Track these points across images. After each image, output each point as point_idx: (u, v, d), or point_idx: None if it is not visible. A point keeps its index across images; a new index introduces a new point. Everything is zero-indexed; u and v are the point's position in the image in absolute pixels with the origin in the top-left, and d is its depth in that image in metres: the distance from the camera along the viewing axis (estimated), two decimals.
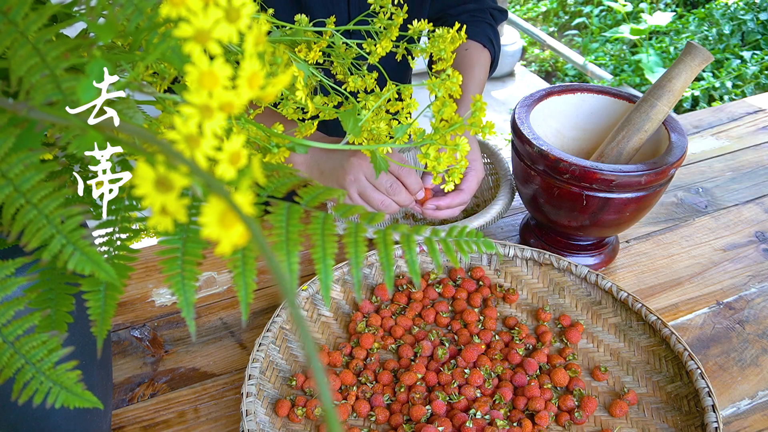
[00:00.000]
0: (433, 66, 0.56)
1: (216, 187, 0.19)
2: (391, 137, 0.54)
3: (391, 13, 0.60)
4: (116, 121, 0.25)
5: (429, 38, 0.59)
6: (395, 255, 0.86)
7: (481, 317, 0.80)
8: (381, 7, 0.61)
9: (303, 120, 0.58)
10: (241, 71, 0.23)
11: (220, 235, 0.19)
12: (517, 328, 0.79)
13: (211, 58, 0.22)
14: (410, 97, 0.62)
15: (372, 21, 0.61)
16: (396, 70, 1.08)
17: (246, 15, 0.23)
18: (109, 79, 0.26)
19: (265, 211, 0.32)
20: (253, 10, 0.23)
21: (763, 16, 3.14)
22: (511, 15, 3.94)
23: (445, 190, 0.57)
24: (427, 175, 0.81)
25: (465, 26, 0.59)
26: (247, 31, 0.23)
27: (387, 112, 0.60)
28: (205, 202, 0.19)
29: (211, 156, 0.22)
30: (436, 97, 0.53)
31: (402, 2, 0.61)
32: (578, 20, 3.91)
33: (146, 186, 0.20)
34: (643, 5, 3.63)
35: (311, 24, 0.60)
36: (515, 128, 0.83)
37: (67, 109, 0.25)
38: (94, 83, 0.25)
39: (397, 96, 0.62)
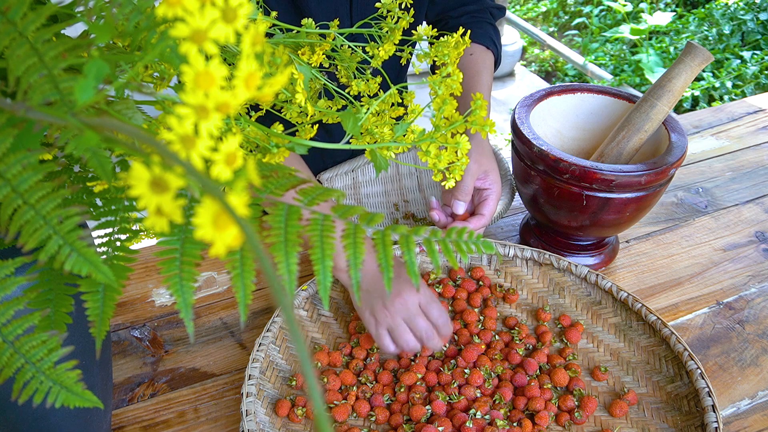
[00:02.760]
0: (436, 71, 0.55)
1: (210, 189, 0.19)
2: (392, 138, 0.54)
3: (398, 17, 0.60)
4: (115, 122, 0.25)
5: (431, 43, 0.59)
6: (395, 255, 0.86)
7: (481, 317, 0.80)
8: (388, 11, 0.60)
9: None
10: (238, 71, 0.23)
11: (214, 237, 0.19)
12: (517, 328, 0.79)
13: (208, 58, 0.22)
14: (413, 102, 0.61)
15: (375, 24, 0.61)
16: (396, 73, 1.08)
17: (243, 15, 0.22)
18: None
19: (264, 212, 0.32)
20: (250, 11, 0.23)
21: (763, 16, 3.14)
22: (511, 15, 3.93)
23: (446, 187, 0.57)
24: (457, 202, 0.82)
25: (464, 28, 0.59)
26: (244, 32, 0.23)
27: (390, 117, 0.60)
28: (200, 203, 0.19)
29: (207, 157, 0.22)
30: (437, 94, 0.53)
31: (408, 6, 0.61)
32: (578, 20, 3.91)
33: (141, 187, 0.20)
34: (643, 5, 3.63)
35: (315, 27, 0.60)
36: (515, 128, 0.83)
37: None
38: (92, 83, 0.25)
39: (399, 101, 0.62)
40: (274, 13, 0.59)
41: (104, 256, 0.35)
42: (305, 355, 0.18)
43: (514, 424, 0.68)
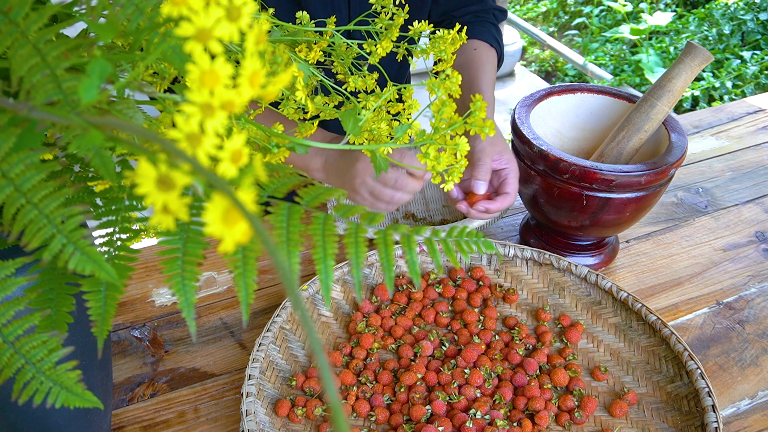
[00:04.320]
0: (434, 67, 0.55)
1: (219, 185, 0.19)
2: (392, 137, 0.54)
3: (393, 14, 0.60)
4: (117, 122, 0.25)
5: (429, 39, 0.59)
6: (395, 255, 0.86)
7: (481, 317, 0.80)
8: (382, 7, 0.60)
9: (303, 120, 0.58)
10: (243, 70, 0.23)
11: (223, 233, 0.19)
12: (517, 328, 0.79)
13: (213, 56, 0.22)
14: (411, 98, 0.61)
15: (372, 21, 0.61)
16: (396, 70, 1.08)
17: (247, 14, 0.22)
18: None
19: (266, 212, 0.32)
20: (254, 9, 0.23)
21: (763, 16, 3.15)
22: (511, 15, 3.94)
23: (445, 190, 0.57)
24: (478, 182, 0.82)
25: (467, 27, 0.59)
26: (248, 30, 0.23)
27: (387, 112, 0.60)
28: (207, 201, 0.19)
29: (213, 154, 0.22)
30: (436, 96, 0.53)
31: (403, 3, 0.61)
32: (578, 20, 3.91)
33: (148, 184, 0.20)
34: (643, 5, 3.63)
35: (312, 24, 0.60)
36: (515, 128, 0.83)
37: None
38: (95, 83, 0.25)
39: (398, 97, 0.62)
40: (271, 10, 0.59)
41: (105, 256, 0.35)
42: (317, 341, 0.18)
43: (514, 424, 0.68)
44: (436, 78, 0.54)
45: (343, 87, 0.62)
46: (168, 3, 0.22)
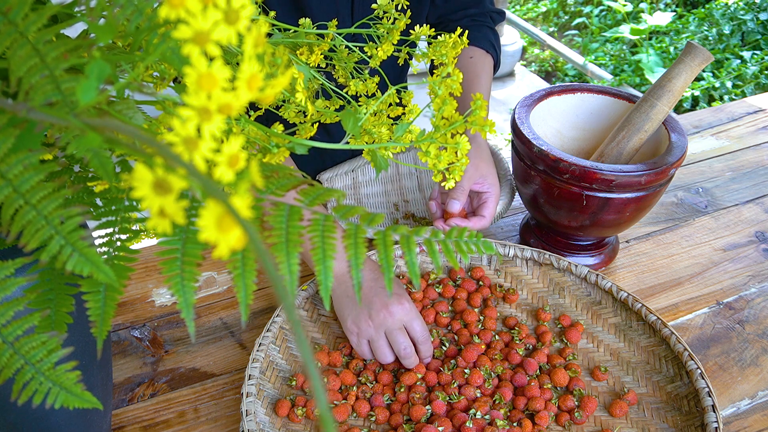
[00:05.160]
0: (434, 71, 0.55)
1: (213, 191, 0.19)
2: (391, 139, 0.54)
3: (395, 18, 0.60)
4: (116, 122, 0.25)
5: (429, 43, 0.59)
6: (395, 255, 0.86)
7: (481, 317, 0.80)
8: (384, 12, 0.61)
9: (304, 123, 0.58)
10: (240, 73, 0.22)
11: (217, 239, 0.19)
12: (517, 328, 0.79)
13: (210, 59, 0.22)
14: (411, 103, 0.61)
15: (374, 25, 0.61)
16: (397, 74, 1.08)
17: (245, 17, 0.22)
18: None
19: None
20: (253, 12, 0.23)
21: (763, 16, 3.14)
22: (511, 15, 3.93)
23: (446, 188, 0.57)
24: (453, 200, 0.82)
25: (467, 31, 0.59)
26: (246, 33, 0.23)
27: (388, 117, 0.60)
28: (204, 205, 0.19)
29: (210, 158, 0.22)
30: (436, 95, 0.53)
31: (405, 7, 0.61)
32: (578, 20, 3.91)
33: (144, 188, 0.20)
34: (643, 5, 3.63)
35: (314, 27, 0.60)
36: (515, 128, 0.83)
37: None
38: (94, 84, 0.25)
39: (398, 101, 0.62)
40: (272, 13, 0.59)
41: (105, 256, 0.35)
42: (309, 356, 0.18)
43: (514, 424, 0.68)
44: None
45: (344, 91, 0.62)
46: (166, 5, 0.22)
